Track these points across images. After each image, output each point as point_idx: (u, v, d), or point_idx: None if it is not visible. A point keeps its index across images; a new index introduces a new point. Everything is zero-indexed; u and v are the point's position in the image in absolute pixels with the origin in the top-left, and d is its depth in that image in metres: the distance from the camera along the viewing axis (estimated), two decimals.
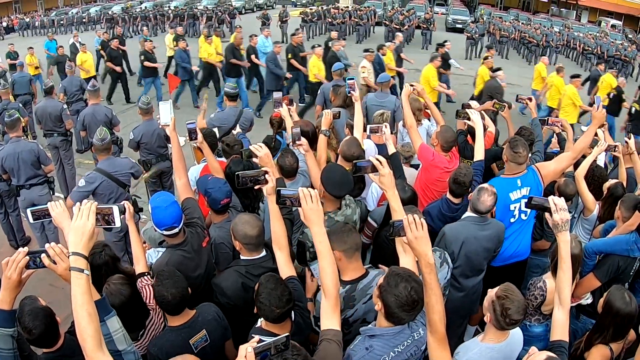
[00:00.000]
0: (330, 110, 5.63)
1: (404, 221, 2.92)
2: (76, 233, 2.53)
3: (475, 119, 5.70)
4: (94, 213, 2.60)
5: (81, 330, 2.39)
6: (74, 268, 2.45)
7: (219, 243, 4.48)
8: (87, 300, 2.44)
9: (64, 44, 19.35)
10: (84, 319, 2.40)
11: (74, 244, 2.50)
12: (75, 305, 2.41)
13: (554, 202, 3.16)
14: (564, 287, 3.28)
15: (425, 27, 30.04)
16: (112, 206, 2.75)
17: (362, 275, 3.75)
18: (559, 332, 3.26)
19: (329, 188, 4.20)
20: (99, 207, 2.66)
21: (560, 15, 46.88)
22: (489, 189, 4.63)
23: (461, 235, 4.67)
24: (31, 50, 17.74)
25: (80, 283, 2.44)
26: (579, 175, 5.54)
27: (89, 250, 2.56)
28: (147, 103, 8.13)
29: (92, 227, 2.56)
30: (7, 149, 7.27)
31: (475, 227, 4.72)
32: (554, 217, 3.14)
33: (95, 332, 2.42)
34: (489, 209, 4.66)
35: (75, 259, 2.47)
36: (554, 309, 3.35)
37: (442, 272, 4.24)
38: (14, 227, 8.53)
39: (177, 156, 4.60)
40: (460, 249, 4.66)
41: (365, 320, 3.73)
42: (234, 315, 3.89)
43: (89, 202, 2.63)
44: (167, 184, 8.73)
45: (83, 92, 12.29)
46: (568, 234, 3.22)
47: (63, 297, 6.40)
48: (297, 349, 2.56)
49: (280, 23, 28.65)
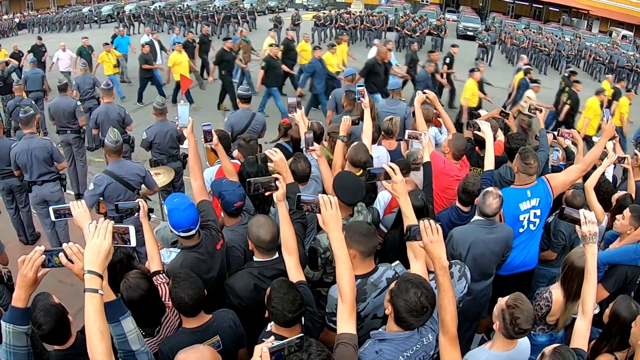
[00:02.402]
0: (350, 117, 5.64)
1: (420, 225, 3.03)
2: (92, 251, 2.52)
3: (485, 129, 5.74)
4: (111, 232, 2.59)
5: (92, 347, 2.41)
6: (89, 289, 2.45)
7: (231, 246, 4.50)
8: (100, 318, 2.45)
9: (75, 43, 18.97)
10: (96, 336, 2.41)
11: (90, 263, 2.50)
12: (88, 322, 2.43)
13: (584, 215, 3.29)
14: (588, 298, 3.40)
15: (437, 33, 29.97)
16: (129, 226, 2.74)
17: (373, 270, 3.80)
18: (579, 341, 3.37)
19: (342, 195, 4.21)
20: (115, 225, 2.65)
21: (571, 25, 46.64)
22: (494, 192, 4.64)
23: (469, 238, 4.69)
24: (107, 46, 17.08)
25: (93, 302, 2.45)
26: (589, 186, 5.56)
27: (104, 269, 2.55)
28: (161, 104, 8.17)
29: (108, 246, 2.55)
30: (21, 145, 7.33)
31: (483, 230, 4.73)
32: (583, 229, 3.28)
33: (107, 350, 2.43)
34: (495, 212, 4.67)
35: (90, 277, 2.47)
36: (576, 319, 3.46)
37: (459, 286, 4.21)
38: (24, 223, 8.60)
39: (193, 158, 4.63)
40: (468, 252, 4.68)
41: (376, 316, 3.80)
42: (245, 316, 3.90)
43: (106, 221, 2.62)
44: (178, 184, 8.75)
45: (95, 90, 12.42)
46: (595, 246, 3.34)
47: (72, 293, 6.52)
48: (321, 347, 2.61)
49: (293, 26, 28.64)
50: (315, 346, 2.59)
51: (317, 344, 2.61)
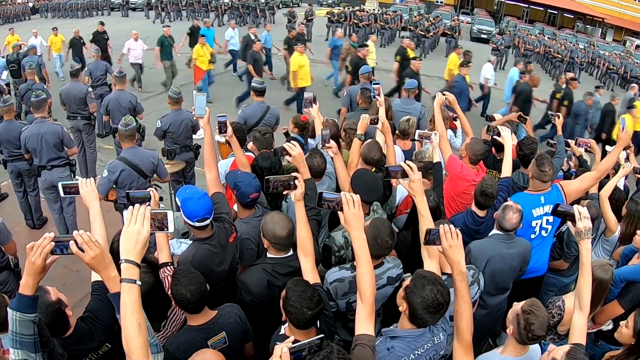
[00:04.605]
0: (368, 116, 5.58)
1: (440, 230, 3.02)
2: (129, 239, 2.44)
3: (505, 135, 5.69)
4: (149, 219, 2.50)
5: (129, 340, 2.33)
6: (127, 280, 2.38)
7: (245, 238, 4.45)
8: (138, 310, 2.38)
9: (89, 30, 18.57)
10: (134, 329, 2.34)
11: (127, 251, 2.43)
12: (125, 314, 2.36)
13: (578, 211, 3.32)
14: (584, 293, 3.39)
15: (450, 34, 29.90)
16: (167, 210, 2.64)
17: (379, 264, 3.83)
18: (577, 336, 3.34)
19: (360, 192, 4.13)
20: (153, 211, 2.55)
21: (585, 32, 46.49)
22: (514, 207, 4.60)
23: (487, 253, 4.64)
24: (202, 39, 15.60)
25: (131, 292, 2.38)
26: (604, 196, 5.53)
27: (141, 258, 2.48)
28: (177, 92, 8.10)
29: (147, 234, 2.47)
30: (32, 129, 7.34)
31: (501, 244, 4.68)
32: (577, 224, 3.30)
33: (144, 343, 2.36)
34: (514, 227, 4.62)
35: (128, 267, 2.40)
36: (573, 314, 3.43)
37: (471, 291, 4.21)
38: (31, 207, 8.62)
39: (208, 149, 4.60)
40: (485, 267, 4.62)
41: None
42: (257, 313, 3.89)
43: (143, 207, 2.52)
44: (189, 174, 8.73)
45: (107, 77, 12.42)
46: (590, 241, 3.37)
47: (77, 280, 6.54)
48: (342, 353, 2.56)
49: (306, 21, 28.61)
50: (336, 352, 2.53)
51: (338, 350, 2.56)
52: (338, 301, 3.89)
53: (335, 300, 3.88)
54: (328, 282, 3.83)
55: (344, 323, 4.08)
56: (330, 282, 3.86)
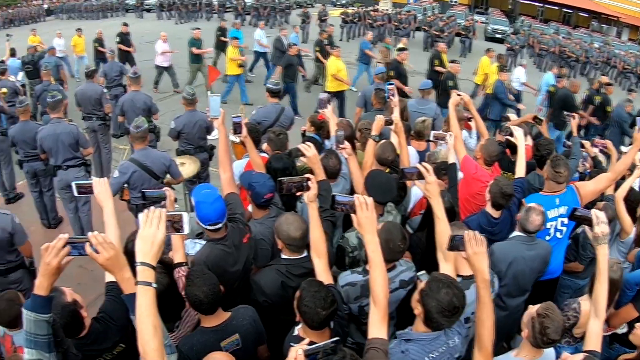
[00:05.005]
0: (383, 117, 5.53)
1: (465, 236, 2.99)
2: (145, 242, 2.43)
3: (518, 135, 5.66)
4: (165, 221, 2.49)
5: (144, 342, 2.33)
6: (142, 282, 2.38)
7: (259, 239, 4.45)
8: (153, 313, 2.38)
9: (106, 31, 18.69)
10: (149, 332, 2.34)
11: (143, 253, 2.42)
12: (140, 317, 2.36)
13: (595, 215, 3.33)
14: (600, 300, 3.37)
15: (465, 34, 29.66)
16: (182, 212, 2.62)
17: (391, 268, 3.82)
18: (592, 342, 3.33)
19: (374, 194, 4.12)
20: (168, 213, 2.55)
21: (600, 31, 46.06)
22: (537, 209, 4.58)
23: (510, 255, 4.62)
24: (235, 41, 15.06)
25: (147, 295, 2.38)
26: (619, 197, 5.47)
27: (157, 261, 2.47)
28: (192, 94, 8.09)
29: (162, 236, 2.46)
30: (48, 130, 7.40)
31: (523, 246, 4.67)
32: (595, 229, 3.31)
33: (160, 346, 2.36)
34: (537, 228, 4.60)
35: (143, 270, 2.40)
36: (589, 320, 3.42)
37: None
38: (47, 207, 8.68)
39: (223, 150, 4.61)
40: (508, 269, 4.61)
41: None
42: (271, 313, 3.89)
43: (158, 210, 2.51)
44: (204, 175, 8.72)
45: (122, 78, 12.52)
46: (607, 247, 3.37)
47: (91, 280, 6.57)
48: (355, 357, 2.57)
49: (319, 22, 28.59)
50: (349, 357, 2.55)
51: (351, 354, 2.57)
52: (350, 305, 3.89)
53: (347, 304, 3.87)
54: (340, 286, 3.83)
55: (357, 326, 4.07)
56: (342, 285, 3.87)
